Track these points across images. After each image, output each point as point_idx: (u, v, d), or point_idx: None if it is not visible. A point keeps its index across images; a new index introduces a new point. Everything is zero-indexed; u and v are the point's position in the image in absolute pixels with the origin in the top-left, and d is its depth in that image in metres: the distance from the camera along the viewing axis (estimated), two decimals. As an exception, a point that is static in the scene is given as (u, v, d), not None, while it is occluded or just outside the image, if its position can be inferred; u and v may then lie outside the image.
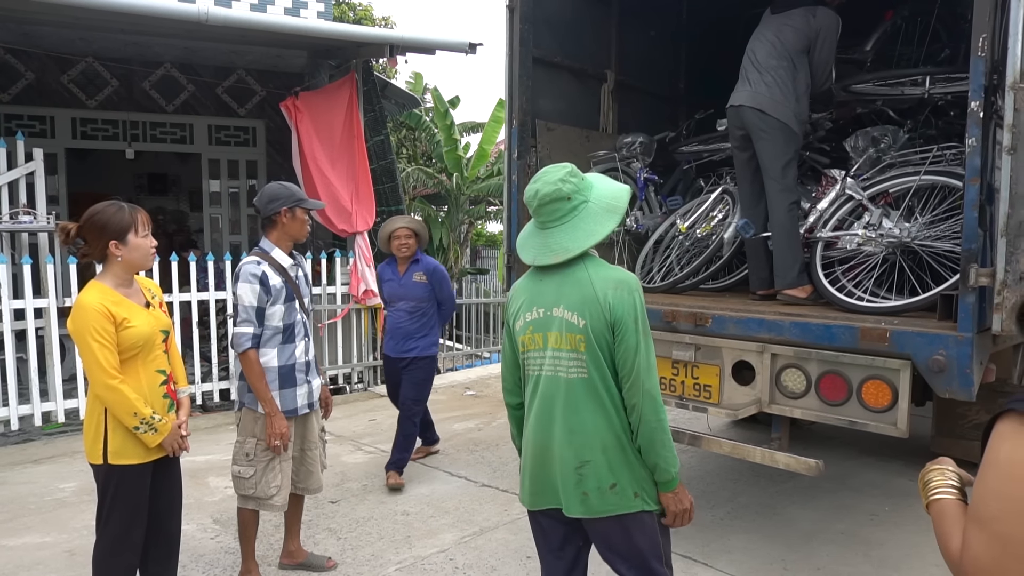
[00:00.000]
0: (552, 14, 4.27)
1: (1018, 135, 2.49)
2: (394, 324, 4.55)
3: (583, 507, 1.98)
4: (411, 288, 4.51)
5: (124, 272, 2.50)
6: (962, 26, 3.91)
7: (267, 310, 2.94)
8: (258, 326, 2.94)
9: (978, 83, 2.54)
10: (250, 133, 8.77)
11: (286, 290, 2.99)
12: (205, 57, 7.79)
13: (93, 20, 5.98)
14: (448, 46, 6.80)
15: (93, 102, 7.85)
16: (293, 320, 3.03)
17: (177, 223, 11.50)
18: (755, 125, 3.65)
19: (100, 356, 2.36)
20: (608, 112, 4.84)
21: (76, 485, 4.40)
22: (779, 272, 3.64)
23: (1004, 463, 1.09)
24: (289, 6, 8.16)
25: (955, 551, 1.15)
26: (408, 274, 4.51)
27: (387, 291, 4.62)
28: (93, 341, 2.35)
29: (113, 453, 2.45)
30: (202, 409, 6.20)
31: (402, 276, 4.52)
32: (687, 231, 4.29)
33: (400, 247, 4.47)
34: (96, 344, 2.35)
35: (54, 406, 5.46)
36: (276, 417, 2.93)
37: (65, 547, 3.56)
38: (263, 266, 2.95)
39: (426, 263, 4.56)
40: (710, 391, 3.24)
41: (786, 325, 2.98)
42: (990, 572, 1.09)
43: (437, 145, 13.92)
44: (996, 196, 2.50)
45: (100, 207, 2.48)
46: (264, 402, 2.93)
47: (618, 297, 1.93)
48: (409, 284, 4.51)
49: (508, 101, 4.08)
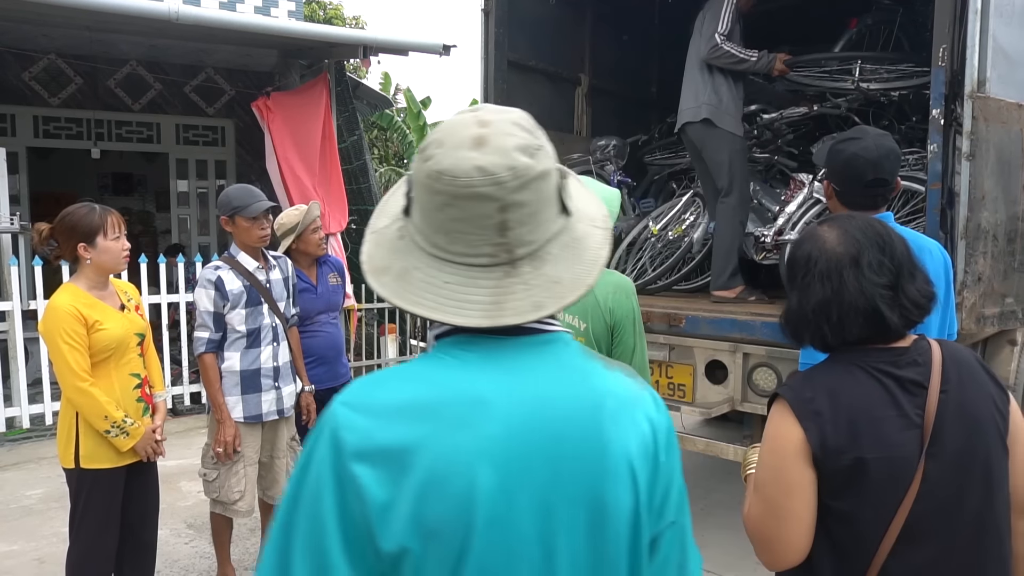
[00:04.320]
0: (526, 18, 4.31)
1: (976, 142, 2.60)
2: (325, 343, 3.48)
3: None
4: (331, 295, 3.58)
5: (96, 275, 2.47)
6: (923, 36, 4.06)
7: (226, 315, 2.92)
8: (215, 331, 2.91)
9: (939, 92, 2.64)
10: (219, 133, 8.65)
11: (248, 294, 2.95)
12: (173, 55, 7.67)
13: (57, 16, 5.85)
14: (422, 47, 6.79)
15: (56, 100, 7.66)
16: (259, 324, 2.98)
17: (143, 224, 11.29)
18: (700, 138, 3.79)
19: (70, 358, 2.33)
20: (582, 115, 4.90)
21: (43, 492, 4.31)
22: (714, 275, 3.81)
23: (768, 438, 1.30)
24: (259, 5, 8.07)
25: (744, 512, 1.39)
26: (323, 278, 3.54)
27: (303, 304, 3.37)
28: (63, 343, 2.32)
29: (85, 457, 2.42)
30: (173, 413, 6.11)
31: (316, 282, 3.50)
32: (659, 233, 4.36)
33: (319, 242, 3.48)
34: (66, 346, 2.32)
35: (19, 411, 5.33)
36: (225, 423, 2.90)
37: (34, 555, 3.49)
38: (221, 271, 2.93)
39: (334, 261, 3.69)
40: (684, 390, 3.31)
41: (757, 325, 3.05)
42: (758, 528, 1.32)
43: (409, 146, 13.89)
44: (956, 200, 2.61)
45: (72, 208, 2.45)
46: (215, 407, 2.91)
47: (617, 301, 1.99)
48: (328, 290, 3.55)
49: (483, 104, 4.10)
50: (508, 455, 0.79)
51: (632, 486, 0.83)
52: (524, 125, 0.85)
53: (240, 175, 8.42)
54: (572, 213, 0.86)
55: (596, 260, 0.86)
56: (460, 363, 0.83)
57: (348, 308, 6.84)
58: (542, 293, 0.82)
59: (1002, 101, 2.76)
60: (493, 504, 0.77)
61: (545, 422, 0.81)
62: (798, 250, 1.34)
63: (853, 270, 1.25)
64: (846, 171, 1.99)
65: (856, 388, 1.24)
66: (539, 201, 0.82)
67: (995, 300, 2.88)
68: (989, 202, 2.74)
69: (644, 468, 0.85)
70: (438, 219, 0.82)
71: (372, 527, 0.75)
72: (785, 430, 1.25)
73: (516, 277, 0.82)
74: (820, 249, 1.29)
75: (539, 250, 0.83)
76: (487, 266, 0.82)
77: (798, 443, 1.23)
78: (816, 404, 1.23)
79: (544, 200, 0.83)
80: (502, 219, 0.80)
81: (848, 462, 1.20)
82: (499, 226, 0.80)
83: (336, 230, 6.76)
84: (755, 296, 3.73)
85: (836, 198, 2.04)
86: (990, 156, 2.72)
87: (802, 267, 1.31)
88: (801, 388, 1.27)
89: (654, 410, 0.88)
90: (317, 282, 3.51)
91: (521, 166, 0.80)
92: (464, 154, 0.80)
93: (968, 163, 2.59)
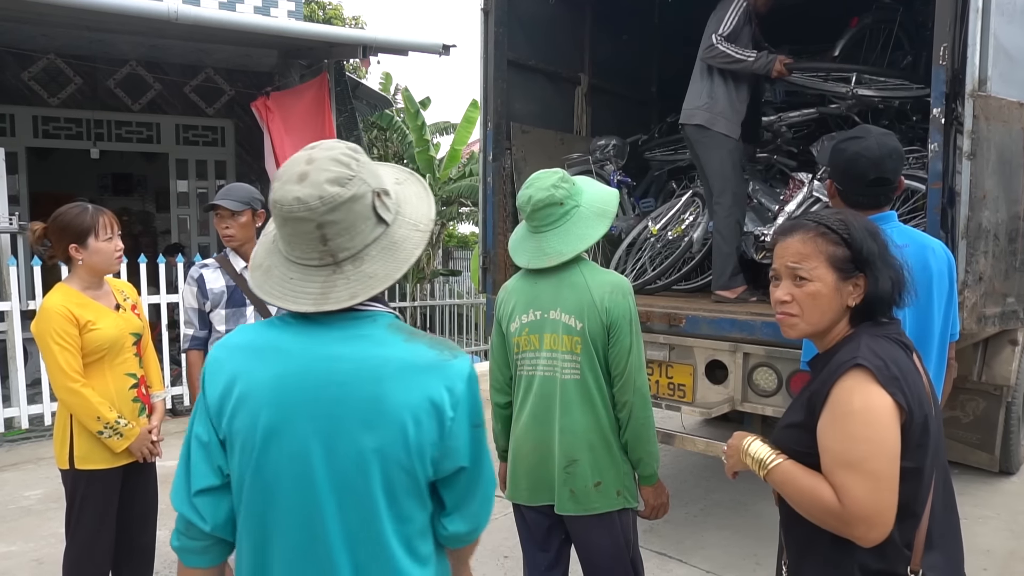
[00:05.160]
0: (526, 17, 4.30)
1: (977, 141, 2.59)
2: None
3: (570, 504, 2.04)
4: None
5: (89, 275, 2.45)
6: (923, 35, 4.05)
7: (209, 313, 2.90)
8: (200, 328, 2.90)
9: (939, 91, 2.63)
10: (219, 133, 8.64)
11: (232, 295, 2.90)
12: (172, 55, 7.66)
13: (57, 16, 5.84)
14: (422, 47, 6.79)
15: (56, 100, 7.66)
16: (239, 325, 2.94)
17: (143, 224, 11.27)
18: (696, 139, 3.79)
19: (61, 359, 2.31)
20: (582, 115, 4.89)
21: (42, 492, 4.29)
22: (714, 275, 3.81)
23: (860, 410, 1.26)
24: (259, 5, 8.06)
25: (831, 501, 1.26)
26: None
27: None
28: (54, 344, 2.31)
29: (80, 458, 2.40)
30: (172, 413, 6.10)
31: None
32: (658, 233, 4.36)
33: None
34: (57, 347, 2.31)
35: (17, 412, 5.32)
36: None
37: (32, 556, 3.48)
38: (205, 270, 2.91)
39: None
40: (684, 390, 3.30)
41: (758, 325, 3.04)
42: (869, 507, 1.24)
43: (408, 146, 13.85)
44: (957, 199, 2.60)
45: (65, 208, 2.43)
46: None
47: (614, 301, 1.99)
48: None
49: (483, 104, 4.09)
50: (290, 389, 1.12)
51: (401, 431, 1.10)
52: (343, 160, 1.11)
53: (240, 175, 8.42)
54: (391, 223, 1.15)
55: (408, 258, 1.15)
56: (284, 325, 1.18)
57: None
58: (358, 286, 1.12)
59: (1003, 100, 2.75)
60: (271, 422, 1.12)
61: (328, 372, 1.11)
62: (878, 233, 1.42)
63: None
64: (849, 170, 1.98)
65: (898, 355, 1.33)
66: (352, 218, 1.10)
67: (996, 300, 2.87)
68: (990, 201, 2.73)
69: (428, 422, 1.12)
70: (282, 232, 1.14)
71: (214, 420, 1.16)
72: (876, 399, 1.27)
73: (340, 274, 1.12)
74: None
75: (359, 253, 1.12)
76: (318, 266, 1.12)
77: (891, 409, 1.26)
78: (891, 370, 1.29)
79: (357, 216, 1.11)
80: (321, 233, 1.09)
81: (921, 420, 1.29)
82: (320, 238, 1.10)
83: (336, 230, 6.76)
84: (756, 296, 3.72)
85: (839, 197, 2.03)
86: (991, 155, 2.71)
87: (883, 247, 1.40)
88: (873, 357, 1.30)
89: (454, 379, 1.14)
90: None
91: (328, 195, 1.08)
92: (290, 187, 1.09)
93: (969, 162, 2.58)
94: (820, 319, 1.39)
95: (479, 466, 1.21)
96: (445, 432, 1.13)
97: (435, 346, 1.17)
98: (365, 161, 1.14)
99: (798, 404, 1.42)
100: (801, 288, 1.39)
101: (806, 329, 1.41)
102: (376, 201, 1.12)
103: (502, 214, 4.05)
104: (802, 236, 1.40)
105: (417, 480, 1.14)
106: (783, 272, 1.42)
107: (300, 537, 1.13)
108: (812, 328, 1.41)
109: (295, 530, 1.13)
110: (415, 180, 1.26)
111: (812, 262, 1.37)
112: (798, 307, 1.40)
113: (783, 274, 1.43)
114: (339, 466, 1.11)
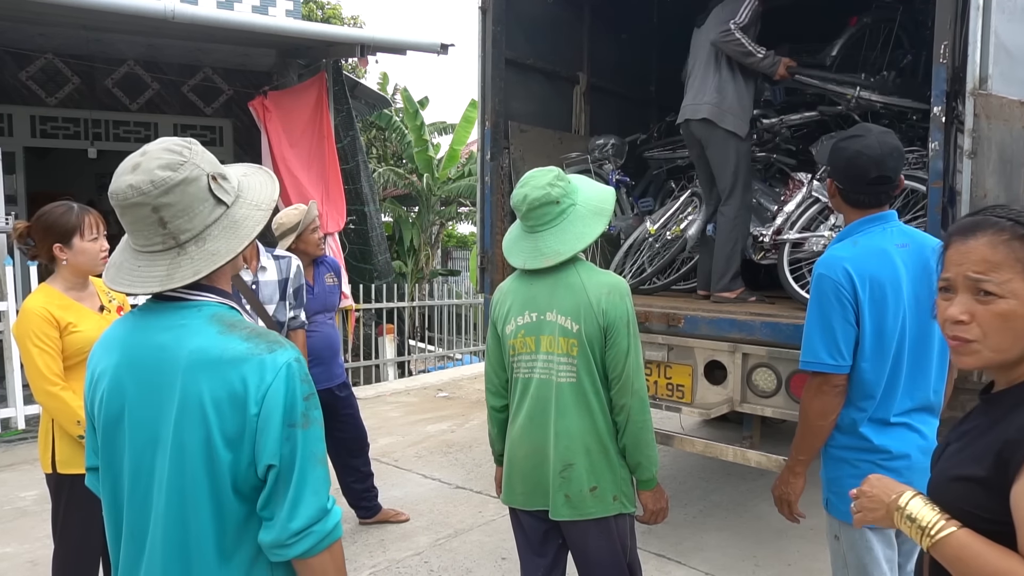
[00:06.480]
0: (524, 16, 4.28)
1: (978, 140, 2.57)
2: (321, 343, 3.54)
3: (565, 509, 2.01)
4: (327, 295, 3.64)
5: (73, 276, 2.40)
6: (923, 33, 4.03)
7: None
8: None
9: (940, 89, 2.62)
10: (217, 132, 8.62)
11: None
12: (170, 55, 7.64)
13: (54, 15, 5.83)
14: (420, 47, 6.77)
15: (53, 100, 7.64)
16: None
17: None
18: (703, 136, 3.74)
19: (40, 362, 2.28)
20: (580, 114, 4.87)
21: (37, 493, 4.27)
22: (715, 276, 3.76)
23: None
24: (257, 4, 8.04)
25: None
26: (319, 278, 3.60)
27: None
28: (33, 346, 2.28)
29: (62, 462, 2.37)
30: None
31: (313, 282, 3.56)
32: (656, 233, 4.34)
33: (318, 242, 3.54)
34: (36, 349, 2.28)
35: (13, 412, 5.30)
36: None
37: (27, 557, 3.46)
38: None
39: (330, 261, 3.73)
40: (683, 391, 3.28)
41: (757, 325, 3.02)
42: None
43: (407, 146, 13.84)
44: (957, 199, 2.58)
45: (49, 208, 2.38)
46: None
47: (611, 302, 1.96)
48: (324, 290, 3.61)
49: (481, 103, 4.07)
50: (123, 379, 1.20)
51: (203, 423, 1.13)
52: (173, 149, 1.17)
53: (238, 175, 8.40)
54: (231, 204, 1.21)
55: (249, 234, 1.20)
56: (131, 316, 1.27)
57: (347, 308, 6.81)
58: (201, 263, 1.17)
59: (1004, 98, 2.73)
60: (110, 405, 1.21)
61: (151, 361, 1.18)
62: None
63: None
64: (849, 169, 1.96)
65: None
66: (187, 200, 1.15)
67: (997, 300, 2.85)
68: (991, 200, 2.71)
69: (230, 414, 1.13)
70: (124, 223, 1.19)
71: (87, 407, 1.28)
72: None
73: (185, 255, 1.17)
74: None
75: (201, 234, 1.17)
76: (163, 250, 1.17)
77: None
78: None
79: (193, 198, 1.16)
80: (158, 216, 1.15)
81: None
82: (159, 221, 1.15)
83: (334, 230, 6.74)
84: (755, 297, 3.70)
85: (839, 196, 2.02)
86: (992, 154, 2.69)
87: None
88: None
89: (263, 373, 1.14)
90: (314, 282, 3.55)
91: (159, 179, 1.13)
92: (124, 178, 1.15)
93: (970, 161, 2.57)
94: (1011, 346, 1.08)
95: (291, 469, 1.14)
96: (248, 427, 1.13)
97: (251, 339, 1.17)
98: (199, 150, 1.19)
99: (977, 452, 1.09)
100: (987, 306, 1.08)
101: (990, 358, 1.10)
102: (212, 184, 1.18)
103: (500, 213, 4.03)
104: (992, 238, 1.09)
105: (225, 476, 1.14)
106: (960, 284, 1.12)
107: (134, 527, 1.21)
108: (998, 357, 1.10)
109: (132, 520, 1.21)
110: (262, 171, 1.33)
111: (1005, 273, 1.07)
112: (979, 330, 1.09)
113: (960, 286, 1.12)
114: (166, 457, 1.15)
